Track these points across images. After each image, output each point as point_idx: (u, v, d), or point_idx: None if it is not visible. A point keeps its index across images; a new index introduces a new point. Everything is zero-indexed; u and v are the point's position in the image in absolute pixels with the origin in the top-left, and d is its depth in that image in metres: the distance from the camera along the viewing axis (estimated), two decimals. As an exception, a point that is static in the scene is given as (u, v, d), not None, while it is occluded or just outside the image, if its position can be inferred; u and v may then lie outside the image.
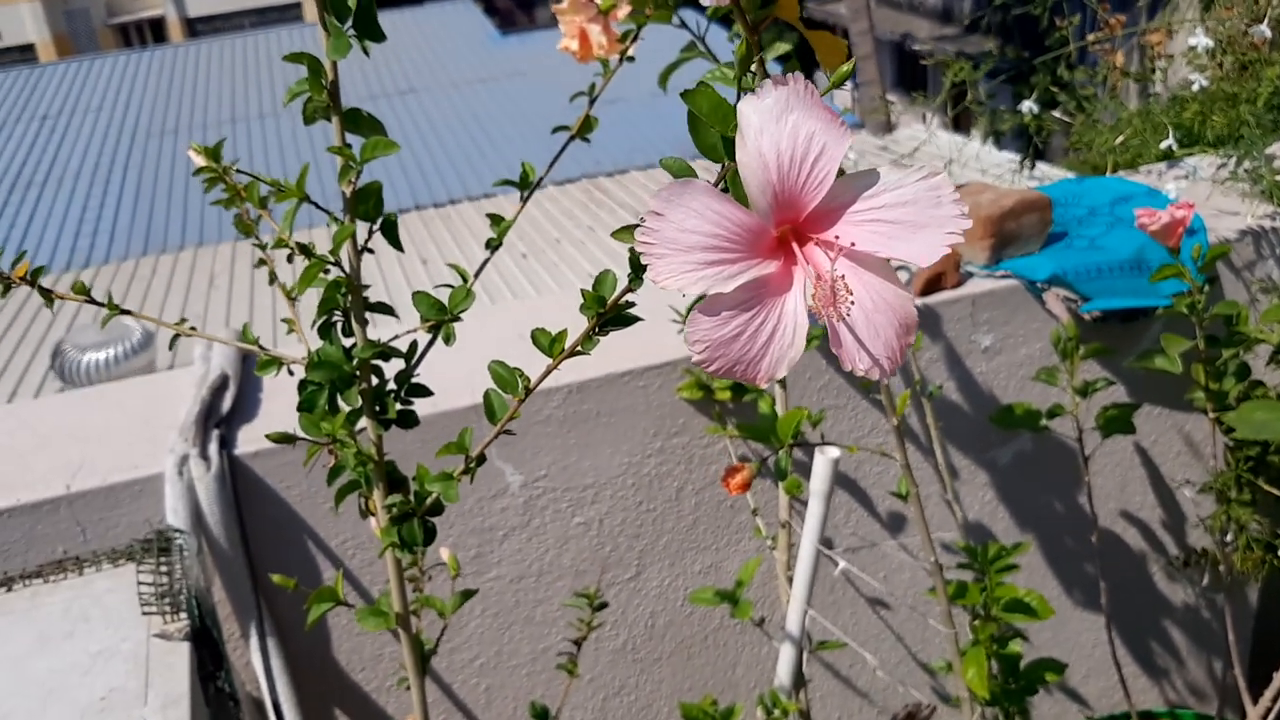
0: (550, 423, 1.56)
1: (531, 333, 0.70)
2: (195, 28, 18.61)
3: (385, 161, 6.79)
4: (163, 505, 1.40)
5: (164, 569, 1.19)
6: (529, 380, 0.73)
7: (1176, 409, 1.85)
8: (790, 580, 1.52)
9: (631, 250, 0.56)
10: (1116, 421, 1.59)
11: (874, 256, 0.51)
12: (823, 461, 1.37)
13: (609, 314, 0.66)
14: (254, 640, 1.48)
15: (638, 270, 0.60)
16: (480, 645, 1.64)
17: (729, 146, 0.54)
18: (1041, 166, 3.28)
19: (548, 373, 0.71)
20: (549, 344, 0.70)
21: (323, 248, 0.83)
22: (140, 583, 1.17)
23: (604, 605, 1.42)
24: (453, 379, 1.49)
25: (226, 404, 1.52)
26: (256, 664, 1.49)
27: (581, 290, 0.65)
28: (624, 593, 1.68)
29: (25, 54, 17.20)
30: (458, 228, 5.89)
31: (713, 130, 0.54)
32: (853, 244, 0.51)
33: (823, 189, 0.50)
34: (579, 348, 0.68)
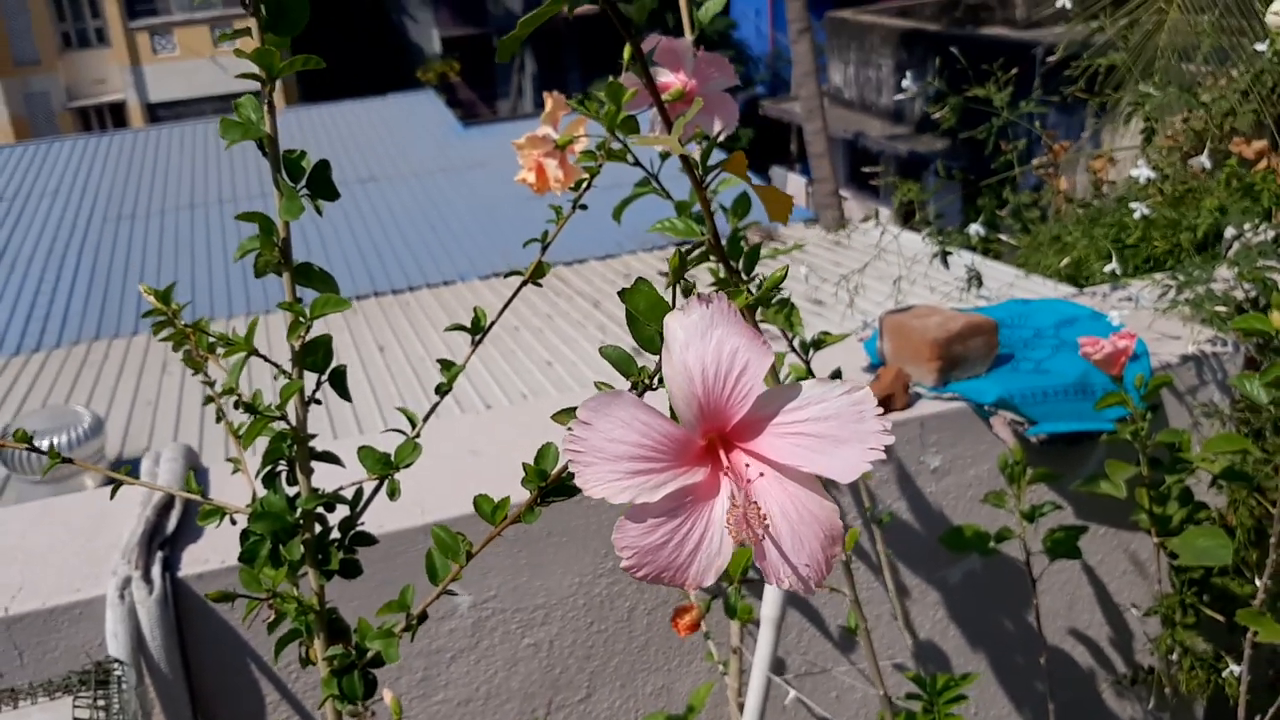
0: (500, 542, 1.55)
1: (475, 500, 0.71)
2: (157, 113, 18.62)
3: (344, 247, 6.78)
4: (103, 629, 1.38)
5: (101, 704, 1.16)
6: (470, 545, 0.73)
7: (1122, 528, 1.86)
8: (741, 707, 1.51)
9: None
10: (1063, 545, 1.61)
11: (799, 469, 0.52)
12: (774, 589, 1.37)
13: (551, 486, 0.67)
14: (194, 769, 1.45)
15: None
16: (426, 769, 1.61)
17: (667, 340, 0.56)
18: (995, 269, 3.35)
19: (488, 541, 0.71)
20: (490, 511, 0.70)
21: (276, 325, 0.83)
22: (76, 719, 1.15)
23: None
24: (404, 497, 1.48)
25: (172, 524, 1.50)
26: (197, 793, 1.45)
27: (524, 464, 0.66)
28: (574, 715, 1.66)
29: (-17, 136, 17.15)
30: (415, 315, 5.90)
31: (649, 326, 0.55)
32: (775, 457, 0.52)
33: (747, 402, 0.52)
34: (521, 518, 0.68)
